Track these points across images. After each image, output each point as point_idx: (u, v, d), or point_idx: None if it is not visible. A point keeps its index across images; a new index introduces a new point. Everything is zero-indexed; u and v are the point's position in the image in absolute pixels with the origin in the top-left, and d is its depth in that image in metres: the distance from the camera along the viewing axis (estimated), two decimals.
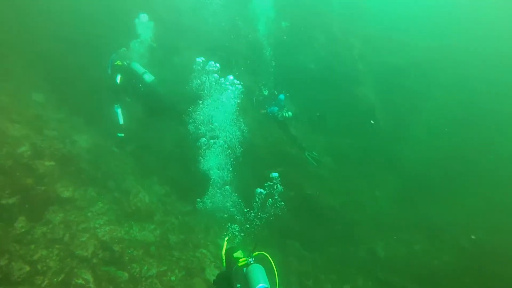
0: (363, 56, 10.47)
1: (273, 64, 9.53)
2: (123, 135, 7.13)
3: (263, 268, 3.74)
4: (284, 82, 9.13)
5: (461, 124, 10.74)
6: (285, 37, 10.15)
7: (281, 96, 8.12)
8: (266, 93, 8.42)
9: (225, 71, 6.99)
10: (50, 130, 7.60)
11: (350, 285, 8.11)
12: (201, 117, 7.01)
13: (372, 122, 10.25)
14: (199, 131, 7.09)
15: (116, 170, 7.86)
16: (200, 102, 6.87)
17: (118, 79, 6.88)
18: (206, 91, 6.82)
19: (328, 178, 10.02)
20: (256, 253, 3.98)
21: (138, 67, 7.10)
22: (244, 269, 3.75)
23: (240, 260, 3.88)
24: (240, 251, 4.10)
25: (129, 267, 5.63)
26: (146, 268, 5.71)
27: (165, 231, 6.78)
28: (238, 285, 3.62)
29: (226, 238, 4.42)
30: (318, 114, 8.38)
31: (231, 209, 7.09)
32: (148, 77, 6.97)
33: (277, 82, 8.99)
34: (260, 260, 3.92)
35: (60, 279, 4.89)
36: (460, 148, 10.64)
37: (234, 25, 9.88)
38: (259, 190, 6.47)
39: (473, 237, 9.55)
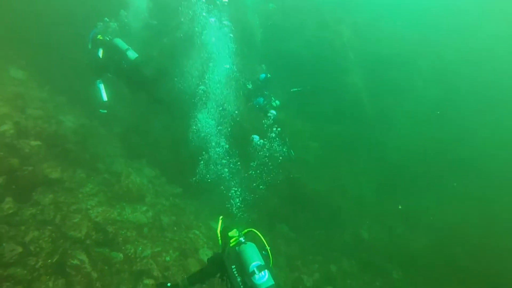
0: (352, 44, 10.62)
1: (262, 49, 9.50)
2: (106, 111, 6.67)
3: (255, 246, 3.73)
4: (274, 67, 9.14)
5: (439, 116, 11.27)
6: (269, 23, 10.08)
7: (262, 76, 7.97)
8: (250, 86, 8.27)
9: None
10: (33, 109, 7.26)
11: (336, 266, 8.43)
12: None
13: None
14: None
15: (105, 152, 7.67)
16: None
17: (100, 53, 6.49)
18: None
19: (314, 164, 10.26)
20: (245, 231, 4.00)
21: (121, 43, 6.70)
22: (237, 248, 3.72)
23: (231, 240, 3.84)
24: (235, 230, 4.02)
25: (123, 248, 5.59)
26: (140, 249, 5.69)
27: (157, 213, 6.74)
28: (233, 267, 3.58)
29: (221, 217, 4.29)
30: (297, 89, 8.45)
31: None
32: (132, 54, 6.59)
33: (267, 67, 8.96)
34: (251, 238, 3.92)
35: (54, 260, 4.79)
36: (437, 139, 11.19)
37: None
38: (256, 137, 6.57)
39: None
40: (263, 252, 3.73)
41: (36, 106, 7.41)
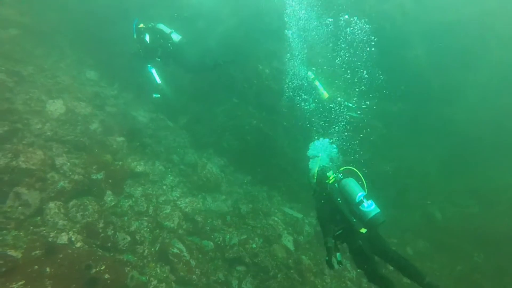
0: (414, 15, 9.87)
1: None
2: (159, 95, 6.73)
3: (354, 179, 3.97)
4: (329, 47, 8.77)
5: None
6: None
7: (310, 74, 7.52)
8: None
9: None
10: (110, 106, 7.67)
11: (412, 248, 8.19)
12: None
13: None
14: None
15: (175, 144, 7.95)
16: None
17: (147, 38, 6.56)
18: None
19: (380, 143, 9.87)
20: (342, 168, 4.24)
21: (164, 27, 6.83)
22: (336, 184, 3.98)
23: (330, 178, 4.11)
24: (331, 171, 4.30)
25: (212, 236, 5.81)
26: (228, 237, 5.88)
27: (235, 201, 6.91)
28: (338, 199, 3.80)
29: (320, 155, 4.60)
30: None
31: None
32: (176, 36, 6.74)
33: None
34: (348, 174, 4.15)
35: (157, 248, 5.10)
36: None
37: None
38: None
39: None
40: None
41: (111, 104, 7.81)
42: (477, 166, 10.03)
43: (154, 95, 6.74)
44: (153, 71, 6.64)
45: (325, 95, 7.59)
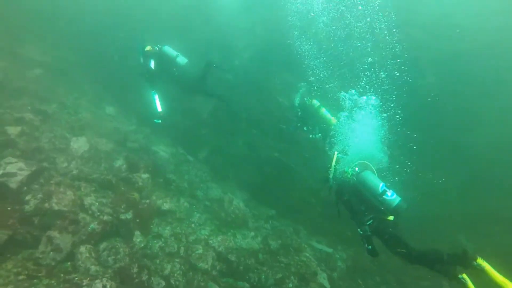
0: (424, 44, 10.14)
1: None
2: (160, 121, 6.57)
3: (372, 172, 4.24)
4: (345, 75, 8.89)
5: None
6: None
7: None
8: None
9: None
10: (131, 142, 7.56)
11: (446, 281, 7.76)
12: None
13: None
14: None
15: (198, 179, 7.77)
16: None
17: (152, 64, 6.47)
18: None
19: (399, 170, 9.72)
20: (356, 163, 4.46)
21: (170, 51, 6.69)
22: (355, 178, 4.23)
23: (345, 173, 4.38)
24: (346, 166, 4.52)
25: (246, 276, 5.48)
26: (263, 277, 5.53)
27: (264, 237, 6.61)
28: (365, 191, 4.08)
29: (337, 152, 4.83)
30: None
31: None
32: (182, 60, 6.57)
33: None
34: (364, 167, 4.39)
35: None
36: None
37: None
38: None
39: None
40: None
41: (132, 139, 7.70)
42: (498, 193, 9.84)
43: (155, 121, 6.60)
44: (156, 97, 6.50)
45: (333, 120, 7.49)
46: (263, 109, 8.80)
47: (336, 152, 4.81)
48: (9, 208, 4.47)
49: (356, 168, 4.34)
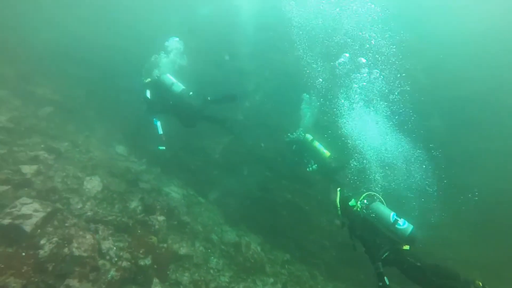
0: (428, 89, 10.61)
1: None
2: (164, 148, 6.38)
3: (380, 203, 4.28)
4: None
5: None
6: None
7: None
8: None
9: None
10: (143, 182, 7.30)
11: None
12: None
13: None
14: None
15: (211, 222, 7.46)
16: None
17: (148, 94, 6.38)
18: None
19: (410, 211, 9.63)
20: (364, 195, 4.46)
21: (168, 79, 6.50)
22: (364, 210, 4.24)
23: (355, 207, 4.36)
24: (353, 200, 4.50)
25: None
26: None
27: (284, 284, 6.24)
28: (376, 223, 4.09)
29: (339, 189, 4.76)
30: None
31: None
32: (177, 87, 6.37)
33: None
34: (372, 198, 4.41)
35: None
36: None
37: None
38: None
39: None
40: None
41: (144, 180, 7.45)
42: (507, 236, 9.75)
43: (159, 147, 6.38)
44: (158, 123, 6.34)
45: (327, 153, 7.53)
46: (276, 150, 8.78)
47: (338, 189, 4.79)
48: (23, 254, 4.11)
49: (365, 201, 4.36)
